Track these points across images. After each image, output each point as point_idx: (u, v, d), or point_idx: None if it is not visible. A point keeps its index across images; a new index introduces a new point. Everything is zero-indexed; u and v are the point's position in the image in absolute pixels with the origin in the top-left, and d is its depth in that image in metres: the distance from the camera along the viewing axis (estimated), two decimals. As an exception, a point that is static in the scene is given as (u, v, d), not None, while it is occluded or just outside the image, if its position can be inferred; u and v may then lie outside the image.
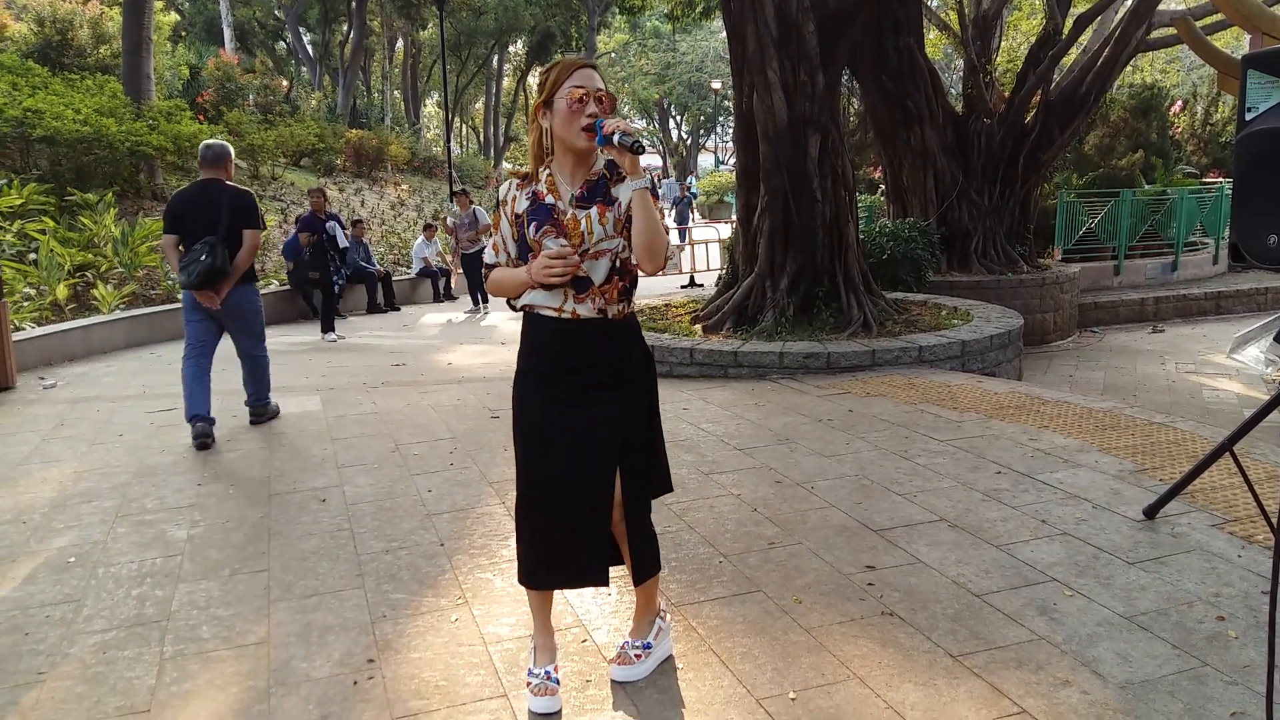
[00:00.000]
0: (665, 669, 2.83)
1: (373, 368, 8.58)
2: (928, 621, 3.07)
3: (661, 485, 2.79)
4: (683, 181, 38.62)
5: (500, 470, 4.86)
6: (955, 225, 12.35)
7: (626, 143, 2.37)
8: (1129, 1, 12.36)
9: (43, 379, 7.86)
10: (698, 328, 8.35)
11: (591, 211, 2.50)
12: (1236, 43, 23.79)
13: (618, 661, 2.80)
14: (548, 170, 2.57)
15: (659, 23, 45.73)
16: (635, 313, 2.68)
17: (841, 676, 2.76)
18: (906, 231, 10.77)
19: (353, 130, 24.38)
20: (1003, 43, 14.99)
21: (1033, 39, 13.93)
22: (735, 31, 8.44)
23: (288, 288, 12.52)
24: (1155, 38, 12.50)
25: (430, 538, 3.97)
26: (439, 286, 15.15)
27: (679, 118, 61.06)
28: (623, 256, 2.55)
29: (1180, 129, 18.83)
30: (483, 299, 13.67)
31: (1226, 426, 4.25)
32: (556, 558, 2.63)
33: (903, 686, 2.70)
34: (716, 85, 47.47)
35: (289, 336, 10.58)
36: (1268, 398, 3.30)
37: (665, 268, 2.65)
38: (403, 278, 15.05)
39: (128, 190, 14.02)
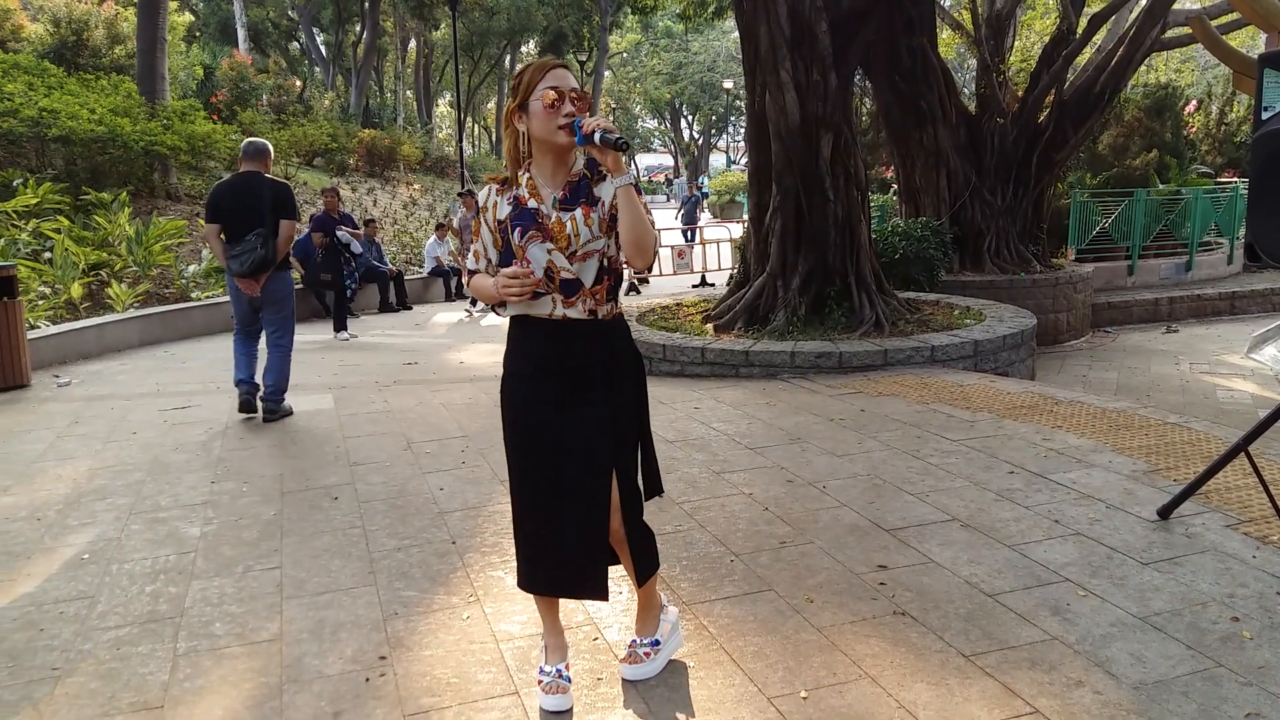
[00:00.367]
0: (676, 668, 2.83)
1: (385, 366, 8.61)
2: (940, 621, 3.06)
3: (652, 487, 2.78)
4: (692, 181, 38.61)
5: (512, 469, 4.86)
6: (968, 225, 12.31)
7: (610, 140, 2.33)
8: (1143, 1, 12.29)
9: (57, 377, 7.92)
10: (709, 327, 8.34)
11: (576, 213, 2.48)
12: (1252, 42, 23.65)
13: (628, 661, 2.80)
14: (527, 174, 2.55)
15: (671, 23, 45.78)
16: (623, 313, 2.67)
17: (853, 676, 2.76)
18: (919, 231, 10.73)
19: (365, 130, 24.50)
20: (1016, 42, 14.91)
21: (1046, 38, 13.88)
22: (748, 31, 8.43)
23: (300, 286, 12.55)
24: (1170, 37, 12.42)
25: (442, 535, 3.98)
26: (451, 286, 15.19)
27: (691, 117, 61.10)
28: (609, 255, 2.54)
29: (1195, 129, 18.71)
30: None
31: (1241, 427, 4.23)
32: (553, 564, 2.62)
33: (915, 686, 2.69)
34: (728, 85, 47.46)
35: (301, 335, 10.50)
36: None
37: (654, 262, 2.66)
38: (415, 277, 15.10)
39: (142, 189, 14.13)
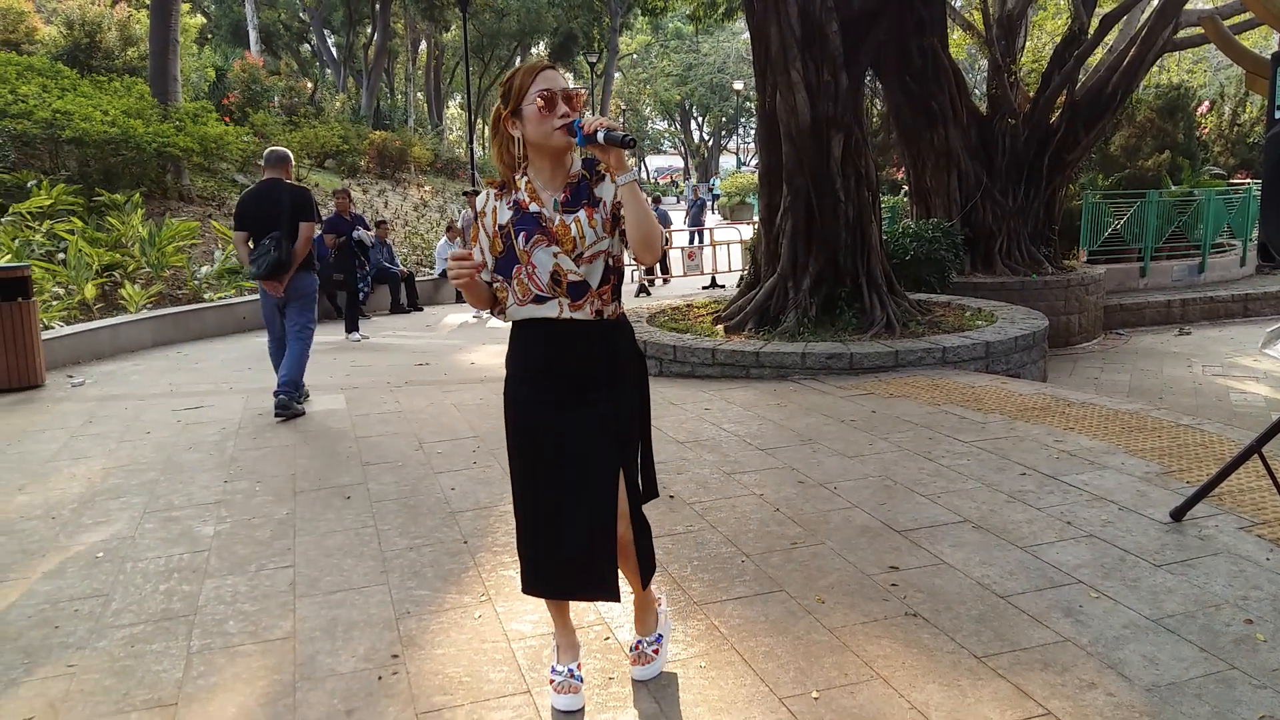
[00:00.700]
0: (688, 668, 2.84)
1: (396, 367, 8.64)
2: (952, 622, 3.06)
3: (648, 490, 2.76)
4: (699, 184, 38.59)
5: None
6: (979, 226, 12.27)
7: (616, 138, 2.30)
8: (1155, 1, 12.24)
9: (71, 377, 7.97)
10: (720, 328, 8.34)
11: (580, 215, 2.47)
12: (1265, 42, 23.54)
13: (636, 662, 2.80)
14: (525, 177, 2.53)
15: (681, 24, 45.79)
16: (632, 313, 2.66)
17: (865, 676, 2.76)
18: (930, 232, 10.70)
19: (376, 132, 24.57)
20: (1027, 42, 14.84)
21: (1058, 39, 13.82)
22: (758, 32, 8.43)
23: None
24: (1182, 37, 12.36)
25: (454, 535, 3.99)
26: (461, 287, 15.20)
27: (701, 119, 61.12)
28: (614, 254, 2.53)
29: (1207, 129, 18.61)
30: None
31: (1254, 429, 4.21)
32: (556, 567, 2.60)
33: (926, 687, 2.69)
34: (738, 86, 47.47)
35: (314, 336, 10.63)
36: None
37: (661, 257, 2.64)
38: (426, 278, 15.13)
39: (155, 191, 14.21)
